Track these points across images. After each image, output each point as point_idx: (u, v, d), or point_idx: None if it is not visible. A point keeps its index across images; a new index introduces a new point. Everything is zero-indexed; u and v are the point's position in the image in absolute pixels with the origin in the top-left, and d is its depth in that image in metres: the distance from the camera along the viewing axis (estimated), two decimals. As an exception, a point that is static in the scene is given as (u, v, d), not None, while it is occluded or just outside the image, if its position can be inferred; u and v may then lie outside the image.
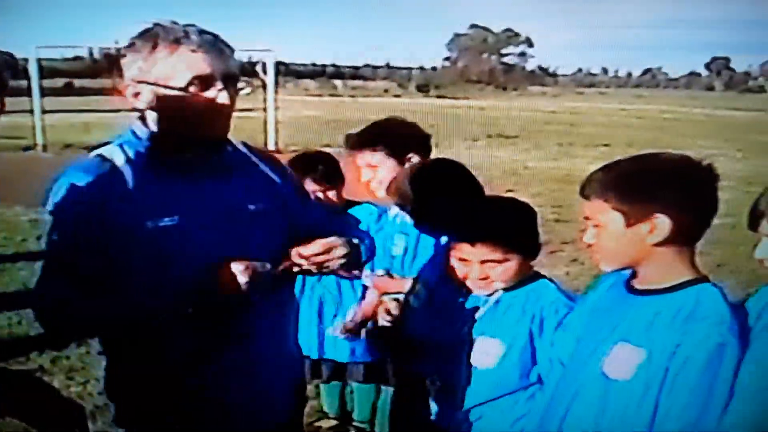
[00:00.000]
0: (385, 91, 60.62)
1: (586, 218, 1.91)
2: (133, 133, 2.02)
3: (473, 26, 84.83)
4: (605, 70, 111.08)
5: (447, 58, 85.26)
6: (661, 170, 1.88)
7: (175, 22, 1.95)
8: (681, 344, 1.74)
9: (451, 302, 2.47)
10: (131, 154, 1.97)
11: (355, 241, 2.16)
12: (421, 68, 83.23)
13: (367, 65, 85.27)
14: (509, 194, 9.76)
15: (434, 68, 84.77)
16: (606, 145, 18.94)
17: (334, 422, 3.88)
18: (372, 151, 2.97)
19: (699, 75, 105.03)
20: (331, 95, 49.11)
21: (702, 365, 1.71)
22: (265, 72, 17.48)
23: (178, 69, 1.90)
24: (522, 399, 2.31)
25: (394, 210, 3.03)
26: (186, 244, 1.93)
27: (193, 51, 1.90)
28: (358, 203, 3.27)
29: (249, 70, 16.31)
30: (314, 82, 62.24)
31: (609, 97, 64.38)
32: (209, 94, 1.92)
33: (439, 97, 52.35)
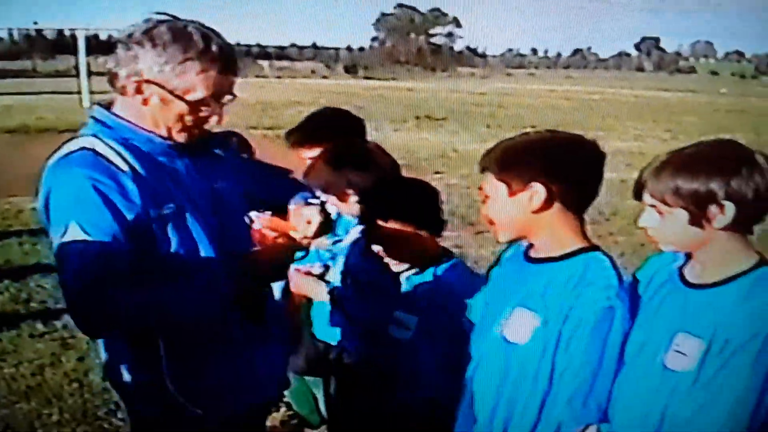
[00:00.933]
0: (312, 72, 59.97)
1: (480, 189, 2.04)
2: (100, 122, 1.97)
3: (400, 5, 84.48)
4: (534, 51, 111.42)
5: (374, 39, 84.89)
6: (537, 144, 2.02)
7: (211, 29, 1.94)
8: (573, 308, 1.87)
9: (372, 279, 2.59)
10: (113, 144, 1.91)
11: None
12: (349, 49, 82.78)
13: (293, 45, 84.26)
14: (438, 176, 9.93)
15: (362, 49, 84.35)
16: (534, 127, 18.94)
17: (284, 410, 3.97)
18: (312, 148, 2.99)
19: (629, 55, 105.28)
20: (257, 76, 48.39)
21: (592, 327, 1.85)
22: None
23: (200, 86, 1.90)
24: (440, 370, 2.39)
25: None
26: (189, 229, 1.96)
27: (220, 72, 1.92)
28: None
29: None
30: (239, 63, 61.13)
31: (538, 78, 64.60)
32: (216, 105, 1.96)
33: (366, 78, 52.14)
